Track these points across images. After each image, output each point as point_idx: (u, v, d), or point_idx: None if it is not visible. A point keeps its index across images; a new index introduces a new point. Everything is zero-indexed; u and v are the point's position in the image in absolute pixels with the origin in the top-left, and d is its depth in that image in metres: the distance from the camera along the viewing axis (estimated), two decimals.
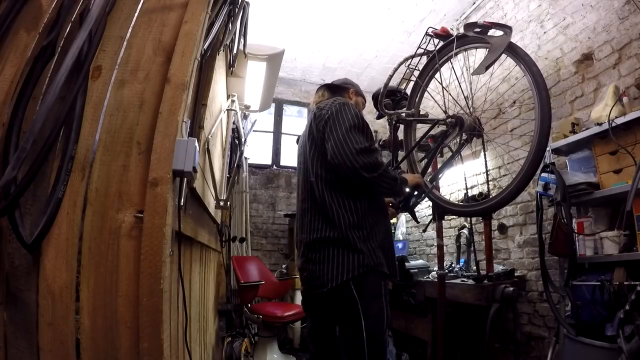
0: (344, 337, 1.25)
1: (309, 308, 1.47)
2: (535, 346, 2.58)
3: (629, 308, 1.61)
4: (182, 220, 1.10)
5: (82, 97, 0.96)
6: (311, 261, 1.33)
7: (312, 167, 1.38)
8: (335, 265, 1.25)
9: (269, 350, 2.96)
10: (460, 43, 1.84)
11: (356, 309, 1.21)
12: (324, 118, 1.35)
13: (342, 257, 1.25)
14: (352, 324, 1.22)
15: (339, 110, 1.34)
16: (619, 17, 2.21)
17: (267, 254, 4.43)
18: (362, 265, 1.24)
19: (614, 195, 1.92)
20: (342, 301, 1.25)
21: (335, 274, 1.24)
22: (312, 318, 1.48)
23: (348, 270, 1.24)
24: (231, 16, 1.81)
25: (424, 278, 2.73)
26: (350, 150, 1.24)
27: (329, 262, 1.27)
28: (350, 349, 1.21)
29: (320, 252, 1.30)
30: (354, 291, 1.22)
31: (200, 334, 1.80)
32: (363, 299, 1.22)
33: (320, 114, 1.38)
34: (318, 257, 1.30)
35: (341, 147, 1.25)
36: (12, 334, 0.85)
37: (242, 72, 2.66)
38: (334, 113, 1.34)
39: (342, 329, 1.28)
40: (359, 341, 1.19)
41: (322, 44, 4.17)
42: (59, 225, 0.89)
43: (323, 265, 1.28)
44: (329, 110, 1.36)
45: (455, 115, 1.78)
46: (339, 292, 1.25)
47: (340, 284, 1.23)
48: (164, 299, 0.87)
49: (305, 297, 1.47)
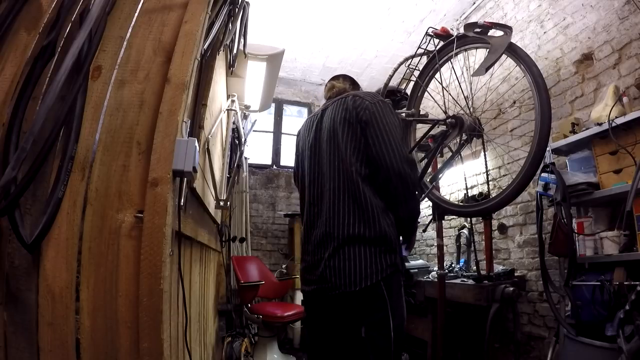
0: (371, 337, 1.19)
1: (317, 311, 1.34)
2: (535, 346, 2.57)
3: (629, 308, 1.61)
4: (182, 220, 1.10)
5: (82, 97, 0.96)
6: (338, 257, 1.22)
7: (349, 159, 1.28)
8: (368, 264, 1.19)
9: (269, 350, 2.96)
10: (460, 43, 1.84)
11: (385, 309, 1.18)
12: (366, 107, 1.29)
13: (376, 256, 1.20)
14: (380, 325, 1.18)
15: (385, 109, 1.30)
16: (619, 17, 2.21)
17: (267, 254, 4.43)
18: (392, 265, 1.21)
19: (614, 195, 1.92)
20: (372, 302, 1.20)
21: (370, 272, 1.18)
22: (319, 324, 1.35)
23: (381, 270, 1.19)
24: (231, 16, 1.81)
25: (424, 278, 2.73)
26: (402, 156, 1.23)
27: (361, 260, 1.20)
28: (377, 349, 1.18)
29: (352, 249, 1.21)
30: (385, 292, 1.19)
31: (200, 334, 1.80)
32: (391, 299, 1.20)
33: (360, 103, 1.31)
34: (349, 254, 1.21)
35: (395, 149, 1.23)
36: (12, 334, 0.85)
37: (242, 72, 2.66)
38: (381, 109, 1.29)
39: (369, 329, 1.20)
40: (386, 341, 1.17)
41: (322, 44, 4.17)
42: (59, 225, 0.89)
43: (353, 262, 1.20)
44: (374, 104, 1.30)
45: (455, 115, 1.78)
46: (370, 292, 1.19)
47: (375, 284, 1.18)
48: (164, 299, 0.87)
49: (316, 298, 1.32)
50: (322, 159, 1.37)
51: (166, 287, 0.89)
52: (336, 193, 1.28)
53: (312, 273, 1.31)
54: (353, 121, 1.30)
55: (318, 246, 1.29)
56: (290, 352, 3.30)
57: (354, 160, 1.27)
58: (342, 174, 1.28)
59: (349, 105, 1.33)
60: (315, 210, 1.34)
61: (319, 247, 1.29)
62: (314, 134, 1.43)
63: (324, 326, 1.33)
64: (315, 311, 1.36)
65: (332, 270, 1.23)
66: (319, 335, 1.35)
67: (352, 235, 1.22)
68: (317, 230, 1.31)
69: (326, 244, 1.26)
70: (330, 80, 1.63)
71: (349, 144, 1.29)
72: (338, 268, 1.21)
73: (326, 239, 1.27)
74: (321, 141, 1.39)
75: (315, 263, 1.30)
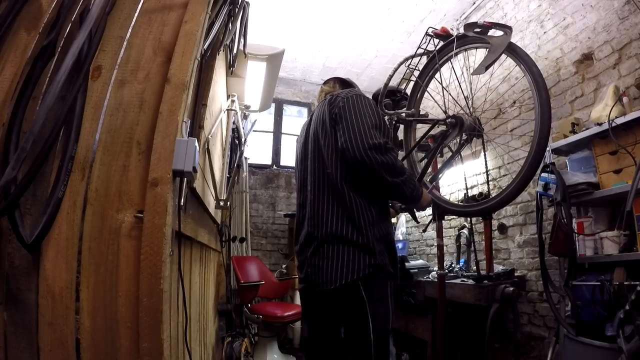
0: (350, 339, 1.20)
1: (308, 308, 1.39)
2: (535, 346, 2.58)
3: (629, 308, 1.61)
4: (182, 220, 1.10)
5: (82, 97, 0.96)
6: (318, 255, 1.25)
7: (329, 159, 1.30)
8: (345, 262, 1.19)
9: (269, 350, 2.96)
10: (460, 43, 1.84)
11: (364, 310, 1.17)
12: (338, 105, 1.30)
13: (353, 255, 1.20)
14: (359, 326, 1.18)
15: (356, 100, 1.28)
16: (619, 17, 2.21)
17: (267, 254, 4.44)
18: (371, 265, 1.20)
19: (614, 195, 1.92)
20: (350, 302, 1.20)
21: (345, 271, 1.19)
22: (312, 320, 1.39)
23: (358, 269, 1.18)
24: (231, 16, 1.81)
25: (424, 278, 2.73)
26: (366, 143, 1.16)
27: (338, 258, 1.21)
28: (356, 351, 1.17)
29: (331, 248, 1.23)
30: (363, 292, 1.18)
31: (200, 334, 1.80)
32: (371, 301, 1.18)
33: (334, 101, 1.32)
34: (328, 253, 1.23)
35: (357, 137, 1.17)
36: (12, 334, 0.85)
37: (242, 72, 2.66)
38: (352, 101, 1.28)
39: (347, 330, 1.22)
40: (365, 343, 1.15)
41: (322, 44, 4.17)
42: (59, 225, 0.89)
43: (332, 261, 1.21)
44: (345, 98, 1.30)
45: (455, 115, 1.78)
46: (347, 291, 1.19)
47: (350, 283, 1.18)
48: (164, 299, 0.87)
49: (306, 296, 1.38)
50: (308, 163, 1.40)
51: (166, 287, 0.89)
52: (318, 195, 1.32)
53: (300, 271, 1.36)
54: (328, 121, 1.32)
55: (303, 246, 1.35)
56: (290, 352, 3.30)
57: (333, 161, 1.29)
58: (324, 176, 1.31)
59: (326, 106, 1.36)
60: (303, 212, 1.39)
61: (304, 246, 1.34)
62: (304, 139, 1.48)
63: (315, 323, 1.38)
64: (307, 307, 1.41)
65: (313, 269, 1.27)
66: (313, 331, 1.39)
67: (331, 234, 1.24)
68: (303, 231, 1.35)
69: (309, 244, 1.31)
70: (321, 86, 1.67)
71: (328, 146, 1.31)
72: (318, 266, 1.25)
73: (309, 238, 1.31)
74: (307, 146, 1.43)
75: (301, 262, 1.35)
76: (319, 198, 1.31)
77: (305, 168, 1.41)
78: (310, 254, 1.29)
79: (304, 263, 1.33)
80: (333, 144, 1.29)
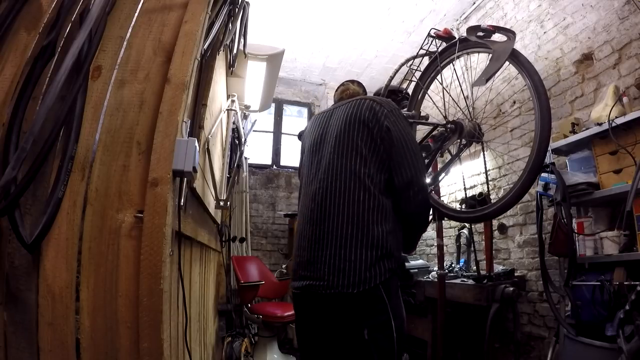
0: (375, 339, 1.18)
1: (308, 308, 1.30)
2: (535, 346, 2.57)
3: (629, 308, 1.61)
4: (182, 220, 1.10)
5: (82, 97, 0.96)
6: (338, 257, 1.20)
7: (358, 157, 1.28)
8: (368, 266, 1.18)
9: (269, 350, 2.96)
10: (462, 47, 1.83)
11: (387, 311, 1.19)
12: (387, 116, 1.30)
13: (376, 259, 1.20)
14: (384, 327, 1.19)
15: (404, 122, 1.35)
16: (619, 17, 2.21)
17: (267, 254, 4.44)
18: (390, 270, 1.21)
19: (614, 195, 1.92)
20: (372, 304, 1.19)
21: (369, 276, 1.17)
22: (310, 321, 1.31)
23: (380, 273, 1.19)
24: (231, 16, 1.81)
25: (424, 278, 2.73)
26: (421, 169, 1.28)
27: (361, 263, 1.18)
28: (381, 350, 1.18)
29: (354, 251, 1.19)
30: (384, 294, 1.19)
31: (200, 334, 1.80)
32: (391, 301, 1.20)
33: (380, 109, 1.31)
34: (350, 256, 1.19)
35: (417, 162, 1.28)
36: (12, 334, 0.85)
37: (242, 72, 2.66)
38: (400, 120, 1.32)
39: (372, 331, 1.19)
40: (390, 342, 1.18)
41: (322, 44, 4.17)
42: (59, 225, 0.89)
43: (354, 264, 1.18)
44: (393, 113, 1.32)
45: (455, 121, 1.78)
46: (369, 295, 1.18)
47: (373, 287, 1.18)
48: (164, 299, 0.87)
49: (306, 295, 1.28)
50: (326, 155, 1.34)
51: (166, 287, 0.89)
52: (342, 192, 1.26)
53: (306, 269, 1.28)
54: (371, 125, 1.29)
55: (316, 242, 1.27)
56: (290, 352, 3.30)
57: (369, 162, 1.27)
58: (350, 174, 1.26)
59: (366, 107, 1.32)
60: (313, 205, 1.31)
61: (317, 243, 1.26)
62: (320, 130, 1.42)
63: (316, 325, 1.30)
64: (305, 309, 1.33)
65: (330, 269, 1.21)
66: (310, 335, 1.32)
67: (353, 236, 1.21)
68: (316, 227, 1.28)
69: (325, 242, 1.24)
70: (344, 82, 1.65)
71: (362, 146, 1.28)
72: (339, 268, 1.20)
73: (326, 236, 1.24)
74: (326, 138, 1.38)
75: (311, 259, 1.27)
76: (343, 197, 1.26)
77: (319, 161, 1.36)
78: (329, 254, 1.22)
79: (315, 261, 1.25)
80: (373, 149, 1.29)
